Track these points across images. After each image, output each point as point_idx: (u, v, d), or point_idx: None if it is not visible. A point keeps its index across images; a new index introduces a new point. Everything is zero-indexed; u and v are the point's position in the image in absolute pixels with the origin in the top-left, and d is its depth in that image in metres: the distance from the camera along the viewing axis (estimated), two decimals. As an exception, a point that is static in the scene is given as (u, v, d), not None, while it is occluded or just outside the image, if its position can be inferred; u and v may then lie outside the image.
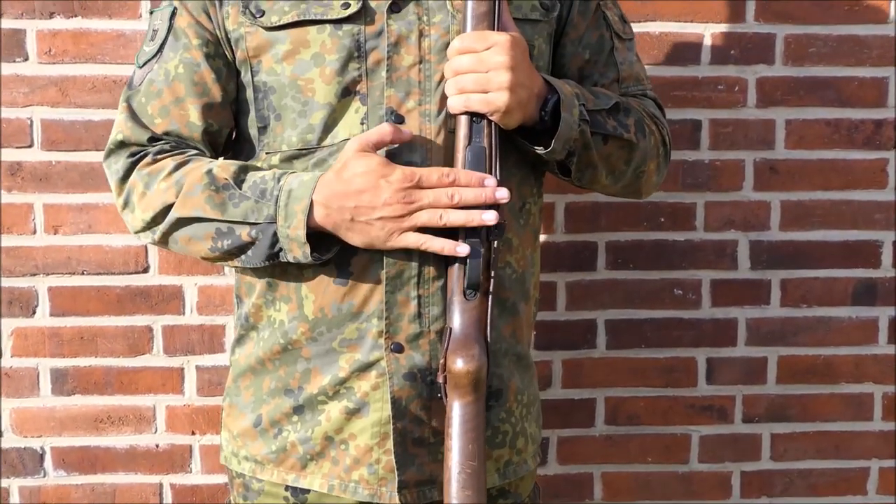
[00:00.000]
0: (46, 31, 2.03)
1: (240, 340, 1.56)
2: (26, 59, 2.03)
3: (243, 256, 1.42)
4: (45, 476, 2.14)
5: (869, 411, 2.25)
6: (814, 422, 2.25)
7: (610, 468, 2.24)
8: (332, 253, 1.40)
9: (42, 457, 2.13)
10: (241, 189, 1.40)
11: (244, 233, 1.39)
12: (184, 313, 2.12)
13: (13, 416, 2.12)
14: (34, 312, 2.09)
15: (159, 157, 1.46)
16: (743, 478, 2.26)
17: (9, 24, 2.02)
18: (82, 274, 2.09)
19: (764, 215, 2.19)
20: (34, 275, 2.08)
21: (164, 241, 1.47)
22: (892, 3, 2.14)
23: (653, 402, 2.22)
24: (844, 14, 2.14)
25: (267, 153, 1.47)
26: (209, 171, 1.41)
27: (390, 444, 1.45)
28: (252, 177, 1.41)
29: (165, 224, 1.44)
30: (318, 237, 1.38)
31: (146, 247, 2.09)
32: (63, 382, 2.11)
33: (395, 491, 1.46)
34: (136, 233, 1.50)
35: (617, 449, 2.23)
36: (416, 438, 1.46)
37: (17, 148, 2.05)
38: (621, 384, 2.21)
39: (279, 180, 1.39)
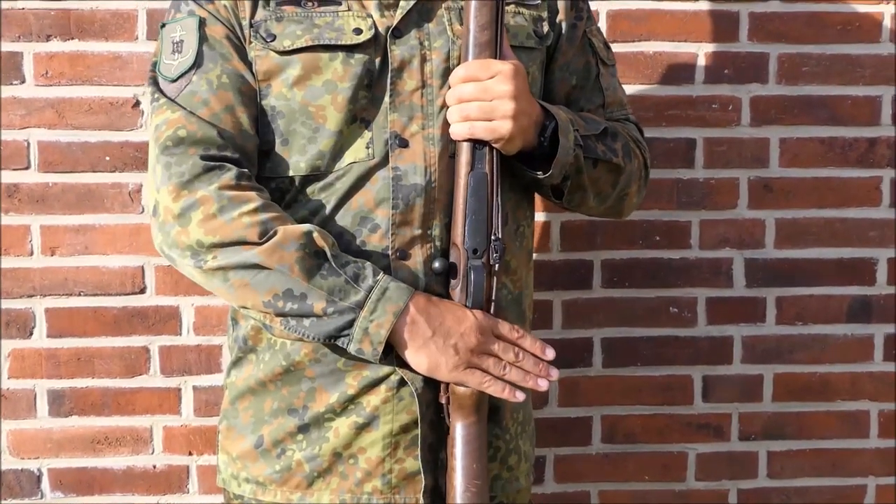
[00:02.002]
0: (43, 54, 2.03)
1: (237, 363, 1.55)
2: (23, 81, 2.04)
3: (294, 322, 1.38)
4: (42, 498, 2.13)
5: (865, 428, 2.25)
6: (810, 439, 2.25)
7: (607, 486, 2.24)
8: (387, 362, 1.42)
9: (39, 478, 2.13)
10: (334, 263, 1.37)
11: (318, 306, 1.35)
12: (181, 334, 2.12)
13: (10, 437, 2.12)
14: (31, 334, 2.10)
15: (243, 182, 1.39)
16: (740, 495, 2.26)
17: (6, 46, 2.02)
18: (79, 295, 2.09)
19: (759, 233, 2.20)
20: (31, 296, 2.08)
21: (211, 272, 1.38)
22: (885, 23, 2.16)
23: (649, 420, 2.23)
24: (837, 33, 2.15)
25: (267, 177, 1.46)
26: (308, 233, 1.37)
27: (401, 453, 1.46)
28: (346, 257, 1.39)
29: (233, 262, 1.36)
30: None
31: (143, 268, 2.09)
32: (60, 404, 2.11)
33: (420, 494, 1.46)
34: (173, 248, 1.40)
35: (614, 467, 2.23)
36: (430, 444, 1.47)
37: (14, 170, 2.05)
38: (618, 402, 2.22)
39: (377, 274, 1.38)
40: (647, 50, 2.14)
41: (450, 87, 1.40)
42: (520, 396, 1.41)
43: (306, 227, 1.38)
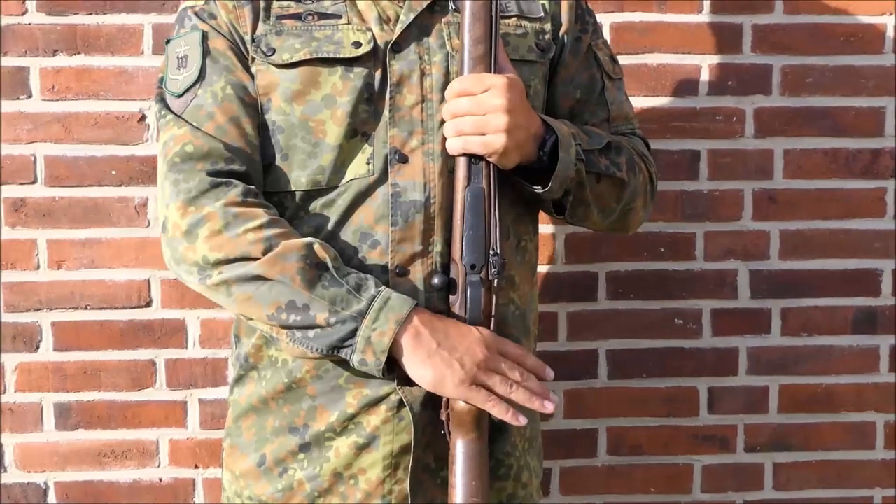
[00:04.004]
0: (50, 69, 2.05)
1: (239, 381, 1.54)
2: (30, 96, 2.05)
3: (300, 334, 1.37)
4: (48, 511, 2.14)
5: (871, 440, 2.25)
6: (816, 451, 2.25)
7: (613, 499, 2.23)
8: (391, 375, 1.39)
9: (45, 492, 2.13)
10: (336, 274, 1.37)
11: (321, 317, 1.35)
12: (186, 347, 2.13)
13: (17, 451, 2.12)
14: (38, 347, 2.10)
15: (249, 199, 1.39)
16: (746, 507, 2.26)
17: (13, 61, 2.04)
18: (86, 309, 2.10)
19: (763, 244, 2.20)
20: (38, 310, 2.09)
21: (215, 287, 1.38)
22: (888, 34, 2.16)
23: (655, 431, 2.22)
24: (840, 45, 2.16)
25: (269, 192, 1.45)
26: (309, 245, 1.36)
27: (401, 473, 1.45)
28: (348, 269, 1.39)
29: (235, 275, 1.36)
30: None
31: (149, 281, 2.10)
32: (66, 417, 2.12)
33: None
34: (181, 264, 1.40)
35: (620, 479, 2.23)
36: (425, 465, 1.46)
37: (20, 184, 2.06)
38: (623, 414, 2.22)
39: (378, 285, 1.37)
40: (651, 62, 2.14)
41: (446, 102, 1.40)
42: (522, 421, 1.38)
43: (308, 239, 1.38)
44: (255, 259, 1.35)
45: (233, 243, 1.36)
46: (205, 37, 1.45)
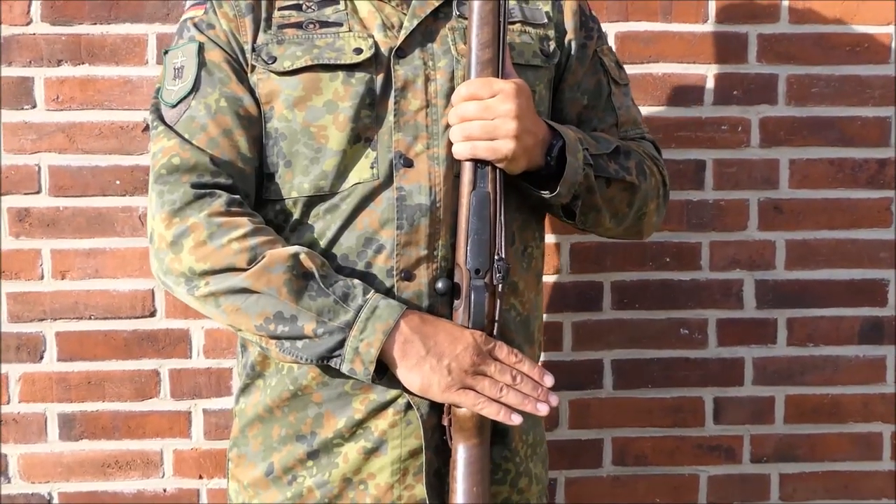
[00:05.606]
0: (54, 79, 2.05)
1: (245, 390, 1.55)
2: (34, 106, 2.05)
3: (288, 344, 1.37)
4: (52, 521, 2.14)
5: (878, 451, 2.24)
6: (822, 461, 2.24)
7: (618, 509, 2.23)
8: (382, 383, 1.40)
9: (50, 502, 2.13)
10: (322, 284, 1.37)
11: (308, 328, 1.35)
12: (191, 357, 2.13)
13: (21, 461, 2.12)
14: (42, 357, 2.10)
15: (233, 208, 1.39)
16: (752, 518, 2.25)
17: (17, 71, 2.04)
18: (90, 318, 2.09)
19: (769, 254, 2.19)
20: (42, 320, 2.09)
21: (203, 298, 1.38)
22: (893, 44, 2.16)
23: (660, 442, 2.22)
24: (846, 55, 2.15)
25: (273, 200, 1.46)
26: (295, 255, 1.37)
27: (410, 479, 1.45)
28: (336, 276, 1.39)
29: (222, 287, 1.37)
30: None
31: (153, 291, 2.10)
32: (70, 427, 2.11)
33: None
34: (168, 275, 1.40)
35: (625, 490, 2.22)
36: (436, 469, 1.46)
37: (25, 194, 2.06)
38: (628, 424, 2.21)
39: (367, 292, 1.38)
40: (656, 71, 2.14)
41: (452, 106, 1.40)
42: (515, 419, 1.38)
43: (294, 248, 1.38)
44: (241, 269, 1.36)
45: (218, 254, 1.37)
46: (201, 48, 1.45)
